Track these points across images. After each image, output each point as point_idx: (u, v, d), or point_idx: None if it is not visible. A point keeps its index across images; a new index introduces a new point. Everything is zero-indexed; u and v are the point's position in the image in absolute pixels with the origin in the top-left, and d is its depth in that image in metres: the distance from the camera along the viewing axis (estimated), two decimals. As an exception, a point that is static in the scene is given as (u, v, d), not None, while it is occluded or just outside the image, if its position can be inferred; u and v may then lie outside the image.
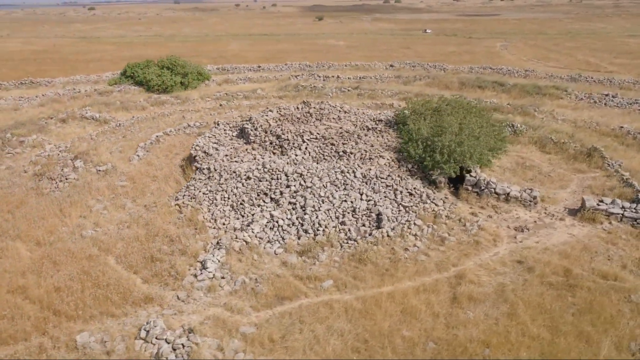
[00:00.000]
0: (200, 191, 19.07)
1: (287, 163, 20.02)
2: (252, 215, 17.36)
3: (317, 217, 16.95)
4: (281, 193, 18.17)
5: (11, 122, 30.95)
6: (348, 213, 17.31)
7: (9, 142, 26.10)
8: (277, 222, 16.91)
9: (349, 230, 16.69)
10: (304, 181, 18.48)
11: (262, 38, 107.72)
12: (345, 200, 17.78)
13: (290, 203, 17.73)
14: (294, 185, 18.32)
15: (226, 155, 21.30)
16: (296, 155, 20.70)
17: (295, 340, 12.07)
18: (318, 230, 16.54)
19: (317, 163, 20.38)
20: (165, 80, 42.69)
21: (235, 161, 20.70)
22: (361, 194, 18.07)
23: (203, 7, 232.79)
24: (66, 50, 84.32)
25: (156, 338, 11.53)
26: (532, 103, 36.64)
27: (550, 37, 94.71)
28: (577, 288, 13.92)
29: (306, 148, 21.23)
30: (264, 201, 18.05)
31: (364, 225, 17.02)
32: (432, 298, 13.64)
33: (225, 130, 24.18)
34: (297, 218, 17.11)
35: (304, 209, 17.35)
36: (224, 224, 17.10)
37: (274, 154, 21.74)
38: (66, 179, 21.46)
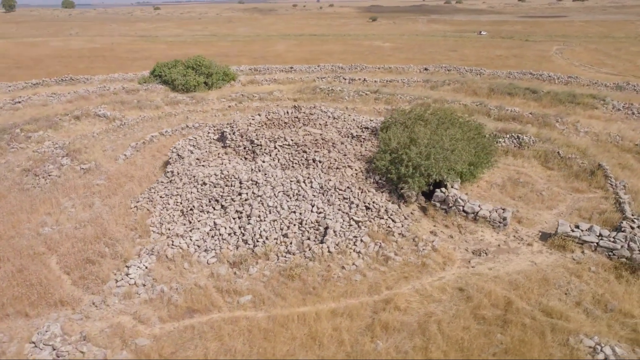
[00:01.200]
0: (158, 194, 19.12)
1: (252, 169, 19.65)
2: (199, 221, 17.15)
3: (260, 228, 16.45)
4: (232, 200, 17.84)
5: (28, 117, 32.56)
6: (294, 225, 16.66)
7: (16, 137, 27.50)
8: (218, 230, 16.59)
9: (291, 243, 16.06)
10: (258, 189, 18.03)
11: (311, 38, 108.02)
12: (294, 212, 17.14)
13: (237, 211, 17.35)
14: (246, 193, 17.91)
15: (197, 159, 21.25)
16: (263, 161, 20.28)
17: (185, 358, 11.69)
18: (258, 241, 16.04)
19: (284, 170, 19.86)
20: (189, 80, 43.55)
21: (202, 165, 20.60)
22: (312, 206, 17.36)
23: (262, 7, 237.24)
24: (121, 49, 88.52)
25: (43, 343, 11.52)
26: (559, 113, 34.04)
27: (615, 40, 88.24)
28: (511, 324, 12.55)
29: (276, 154, 20.76)
30: (213, 208, 17.79)
31: (308, 238, 16.32)
32: (345, 323, 12.78)
33: (208, 133, 24.17)
34: (239, 227, 16.70)
35: (249, 218, 16.90)
36: (168, 229, 17.01)
37: (245, 159, 21.44)
38: (49, 175, 22.27)
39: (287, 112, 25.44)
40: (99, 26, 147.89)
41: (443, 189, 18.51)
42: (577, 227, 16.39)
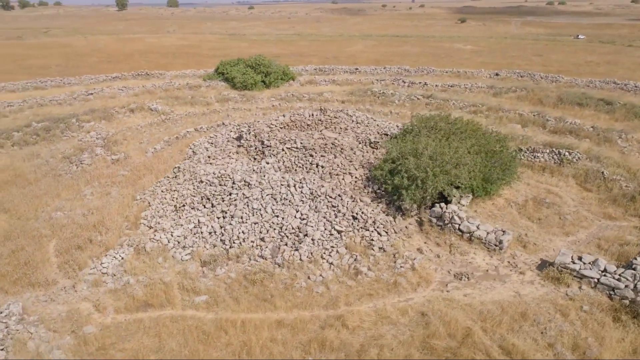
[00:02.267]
0: (160, 188, 19.82)
1: (253, 170, 19.72)
2: (186, 218, 17.53)
3: (239, 229, 16.47)
4: (222, 200, 18.03)
5: (93, 108, 35.25)
6: (274, 229, 16.48)
7: (70, 127, 29.93)
8: (200, 228, 16.84)
9: (266, 247, 15.91)
10: (248, 190, 18.05)
11: (391, 39, 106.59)
12: (278, 216, 16.95)
13: (222, 211, 17.50)
14: (236, 194, 18.02)
15: (208, 157, 21.76)
16: (267, 162, 20.28)
17: (120, 350, 12.02)
18: (234, 242, 16.08)
19: (285, 173, 19.73)
20: (246, 78, 44.78)
21: (210, 163, 21.05)
22: (297, 211, 17.05)
23: (350, 7, 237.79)
24: (206, 46, 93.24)
25: (0, 320, 12.40)
26: (628, 128, 30.49)
27: None
28: (459, 357, 11.45)
29: (282, 157, 20.67)
30: (204, 206, 18.10)
31: (286, 244, 16.06)
32: (286, 335, 12.41)
33: (230, 131, 24.66)
34: (220, 227, 16.84)
35: (232, 218, 16.99)
36: (158, 223, 17.56)
37: (255, 159, 21.61)
38: (81, 163, 23.98)
39: (312, 115, 25.24)
40: (195, 24, 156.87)
41: (442, 204, 17.32)
42: (580, 258, 14.56)
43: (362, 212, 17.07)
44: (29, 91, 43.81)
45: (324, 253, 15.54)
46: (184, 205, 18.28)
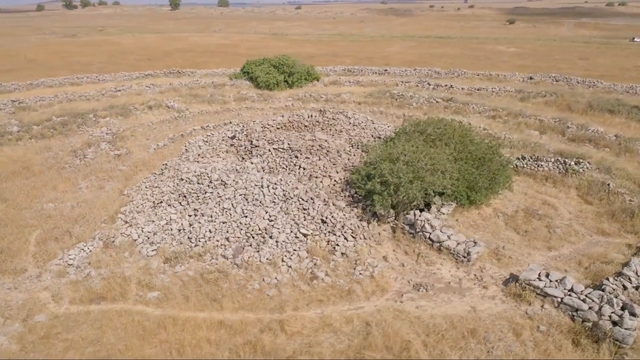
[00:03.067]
0: (145, 184, 20.26)
1: (234, 170, 19.79)
2: (161, 214, 17.82)
3: (207, 228, 16.59)
4: (197, 198, 18.21)
5: (116, 104, 36.53)
6: (240, 229, 16.47)
7: (86, 122, 31.14)
8: (170, 225, 17.07)
9: (231, 247, 15.94)
10: (224, 190, 18.13)
11: (432, 40, 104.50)
12: (246, 216, 16.93)
13: (194, 209, 17.66)
14: (211, 192, 18.15)
15: (198, 155, 22.06)
16: (251, 163, 20.33)
17: (62, 340, 12.36)
18: (200, 241, 16.21)
19: (268, 173, 19.70)
20: (269, 78, 45.12)
21: (197, 161, 21.33)
22: (266, 212, 16.97)
23: (397, 8, 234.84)
24: (244, 46, 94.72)
25: (-43, 304, 13.05)
26: (656, 138, 28.50)
27: None
28: (389, 373, 11.04)
29: (267, 157, 20.66)
30: (180, 203, 18.33)
31: (250, 245, 16.02)
32: (223, 337, 12.37)
33: (227, 130, 24.91)
34: (189, 225, 17.01)
35: (203, 216, 17.13)
36: (134, 218, 17.94)
37: (243, 159, 21.70)
38: (84, 157, 24.87)
39: (311, 116, 25.10)
40: (241, 24, 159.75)
41: (416, 212, 16.75)
42: (547, 275, 13.69)
43: (332, 216, 16.78)
44: (64, 87, 45.99)
45: (285, 256, 15.39)
46: (161, 202, 18.60)
